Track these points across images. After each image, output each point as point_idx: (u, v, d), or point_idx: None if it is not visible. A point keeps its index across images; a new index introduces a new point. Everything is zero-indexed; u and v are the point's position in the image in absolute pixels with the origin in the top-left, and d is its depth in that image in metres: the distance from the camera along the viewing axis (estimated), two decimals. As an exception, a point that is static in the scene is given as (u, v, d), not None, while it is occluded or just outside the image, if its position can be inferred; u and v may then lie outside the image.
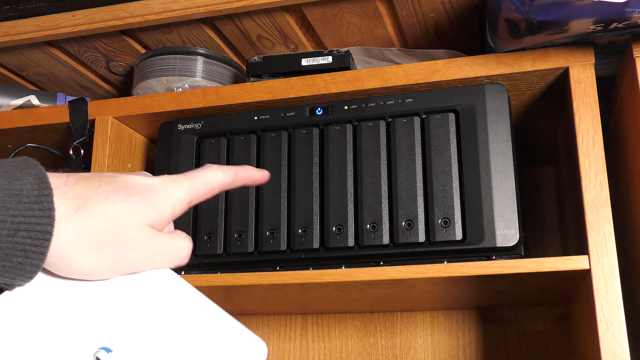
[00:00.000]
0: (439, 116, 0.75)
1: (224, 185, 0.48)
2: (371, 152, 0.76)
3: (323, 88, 0.81)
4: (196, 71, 0.94)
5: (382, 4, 0.86)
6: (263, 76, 0.86)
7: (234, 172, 0.49)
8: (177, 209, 0.45)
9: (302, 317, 1.15)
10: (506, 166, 0.72)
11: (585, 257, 0.67)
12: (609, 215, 0.67)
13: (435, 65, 0.77)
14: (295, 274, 0.76)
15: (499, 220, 0.70)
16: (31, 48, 0.99)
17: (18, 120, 0.92)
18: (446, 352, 1.06)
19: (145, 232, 0.42)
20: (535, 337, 1.03)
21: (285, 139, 0.81)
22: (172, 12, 0.87)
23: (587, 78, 0.72)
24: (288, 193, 0.79)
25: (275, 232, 0.78)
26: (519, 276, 0.70)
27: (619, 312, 0.65)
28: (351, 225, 0.75)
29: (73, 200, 0.40)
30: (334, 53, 0.84)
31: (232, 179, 0.49)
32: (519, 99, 0.82)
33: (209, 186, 0.47)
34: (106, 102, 0.89)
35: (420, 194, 0.74)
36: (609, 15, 0.64)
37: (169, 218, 0.45)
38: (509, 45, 0.74)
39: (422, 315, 1.08)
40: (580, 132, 0.70)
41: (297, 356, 1.13)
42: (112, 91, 1.16)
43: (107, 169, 0.86)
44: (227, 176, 0.48)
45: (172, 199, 0.44)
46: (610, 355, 0.64)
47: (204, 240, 0.80)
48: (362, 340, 1.11)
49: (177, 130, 0.85)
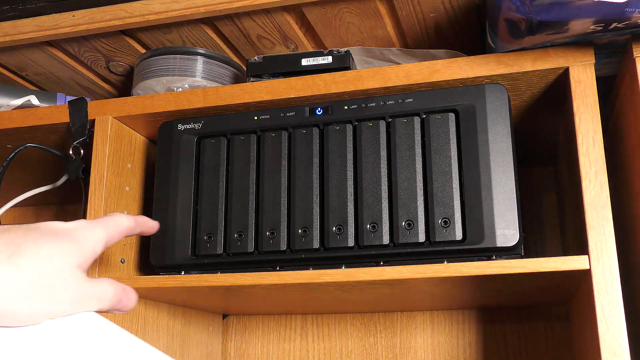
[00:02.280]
0: (439, 116, 0.75)
1: (129, 229, 0.55)
2: (371, 152, 0.76)
3: (323, 88, 0.81)
4: (196, 71, 0.94)
5: (382, 4, 0.86)
6: (263, 76, 0.86)
7: (134, 219, 0.57)
8: (98, 249, 0.49)
9: (302, 317, 1.15)
10: (506, 166, 0.72)
11: (585, 257, 0.67)
12: (609, 215, 0.67)
13: (435, 65, 0.77)
14: (295, 274, 0.76)
15: (499, 220, 0.70)
16: (31, 48, 0.99)
17: (18, 120, 0.92)
18: (446, 352, 1.06)
19: (75, 274, 0.44)
20: (535, 337, 1.03)
21: (285, 139, 0.81)
22: (172, 12, 0.87)
23: (587, 78, 0.72)
24: (288, 193, 0.79)
25: (275, 232, 0.78)
26: (519, 276, 0.70)
27: (619, 312, 0.65)
28: (351, 225, 0.75)
29: (3, 248, 0.41)
30: (334, 53, 0.84)
31: (134, 224, 0.56)
32: (519, 99, 0.82)
33: (118, 229, 0.53)
34: (106, 102, 0.89)
35: (420, 194, 0.74)
36: (609, 15, 0.64)
37: (92, 258, 0.48)
38: (509, 45, 0.74)
39: (422, 315, 1.08)
40: (580, 132, 0.70)
41: (297, 356, 1.13)
42: (112, 91, 1.16)
43: (107, 169, 0.86)
44: (130, 221, 0.56)
45: (94, 239, 0.48)
46: (610, 355, 0.64)
47: (204, 240, 0.80)
48: (362, 340, 1.11)
49: (177, 130, 0.85)
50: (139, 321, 0.91)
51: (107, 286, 0.48)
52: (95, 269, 0.83)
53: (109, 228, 0.51)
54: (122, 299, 0.49)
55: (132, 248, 0.90)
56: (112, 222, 0.52)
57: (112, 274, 0.85)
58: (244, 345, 1.17)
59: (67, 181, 0.94)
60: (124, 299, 0.49)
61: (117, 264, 0.87)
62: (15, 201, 0.97)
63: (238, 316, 1.19)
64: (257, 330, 1.17)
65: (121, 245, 0.88)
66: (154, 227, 0.61)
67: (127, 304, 0.50)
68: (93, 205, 0.85)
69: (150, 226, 0.60)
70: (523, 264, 0.68)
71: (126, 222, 0.55)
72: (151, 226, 0.60)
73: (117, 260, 0.87)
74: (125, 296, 0.49)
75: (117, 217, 0.54)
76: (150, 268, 0.87)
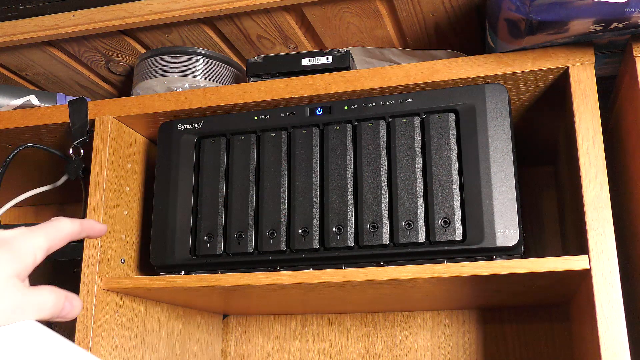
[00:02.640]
0: (439, 116, 0.75)
1: (74, 234, 0.53)
2: (371, 152, 0.76)
3: (323, 88, 0.81)
4: (196, 71, 0.94)
5: (382, 4, 0.86)
6: (263, 76, 0.86)
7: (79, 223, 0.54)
8: (38, 256, 0.47)
9: (302, 317, 1.15)
10: (506, 166, 0.72)
11: (585, 257, 0.67)
12: (609, 215, 0.67)
13: (435, 65, 0.77)
14: (295, 274, 0.76)
15: (499, 220, 0.70)
16: (31, 48, 0.99)
17: (18, 120, 0.92)
18: (446, 352, 1.06)
19: (12, 284, 0.44)
20: (535, 337, 1.03)
21: (285, 139, 0.81)
22: (172, 12, 0.87)
23: (587, 78, 0.72)
24: (288, 193, 0.79)
25: (275, 232, 0.78)
26: (519, 276, 0.70)
27: (619, 312, 0.65)
28: (351, 225, 0.75)
29: None
30: (334, 53, 0.84)
31: (79, 228, 0.53)
32: (519, 99, 0.82)
33: (61, 234, 0.51)
34: (106, 102, 0.89)
35: (420, 194, 0.74)
36: (609, 15, 0.64)
37: (31, 267, 0.47)
38: (509, 45, 0.74)
39: (422, 315, 1.08)
40: (580, 132, 0.70)
41: (297, 356, 1.13)
42: (112, 91, 1.16)
43: (107, 168, 0.86)
44: (74, 226, 0.53)
45: (34, 247, 0.47)
46: (610, 355, 0.64)
47: (204, 240, 0.80)
48: (362, 340, 1.11)
49: (177, 130, 0.85)
50: (139, 321, 0.91)
51: (48, 295, 0.47)
52: (95, 269, 0.83)
53: (50, 235, 0.49)
54: (65, 307, 0.48)
55: (132, 248, 0.90)
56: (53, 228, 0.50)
57: (112, 274, 0.85)
58: (244, 345, 1.17)
59: (67, 181, 0.94)
60: (66, 307, 0.48)
61: (117, 264, 0.87)
62: (15, 201, 0.98)
63: (238, 316, 1.19)
64: (257, 330, 1.17)
65: (121, 246, 0.88)
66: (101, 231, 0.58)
67: (71, 312, 0.49)
68: (93, 205, 0.85)
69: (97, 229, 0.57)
70: (523, 264, 0.68)
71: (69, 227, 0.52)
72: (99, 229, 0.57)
73: (117, 260, 0.87)
74: (68, 304, 0.48)
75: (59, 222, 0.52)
76: (150, 268, 0.87)
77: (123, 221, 0.89)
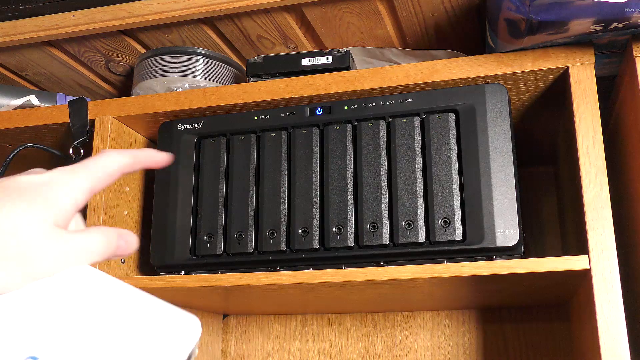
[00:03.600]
0: (439, 116, 0.75)
1: (124, 168, 0.46)
2: (371, 152, 0.76)
3: (323, 88, 0.81)
4: (196, 71, 0.94)
5: (382, 4, 0.86)
6: (263, 76, 0.86)
7: (132, 154, 0.47)
8: (80, 199, 0.43)
9: (302, 317, 1.15)
10: (506, 166, 0.72)
11: (585, 257, 0.67)
12: (609, 215, 0.67)
13: (435, 65, 0.77)
14: (295, 274, 0.76)
15: (499, 220, 0.70)
16: (31, 48, 0.99)
17: (18, 120, 0.92)
18: (446, 352, 1.06)
19: (50, 232, 0.40)
20: (535, 337, 1.03)
21: (285, 139, 0.81)
22: (172, 12, 0.87)
23: (587, 78, 0.72)
24: (288, 193, 0.79)
25: (275, 232, 0.78)
26: (519, 276, 0.70)
27: (619, 312, 0.65)
28: (351, 225, 0.75)
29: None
30: (334, 53, 0.84)
31: (132, 160, 0.47)
32: (519, 99, 0.82)
33: (107, 170, 0.45)
34: (106, 102, 0.89)
35: (420, 194, 0.74)
36: (609, 15, 0.64)
37: (72, 212, 0.42)
38: (509, 45, 0.74)
39: (422, 315, 1.08)
40: (580, 132, 0.70)
41: (297, 356, 1.13)
42: (112, 91, 1.16)
43: (107, 169, 0.86)
44: (125, 158, 0.46)
45: (72, 189, 0.42)
46: (610, 355, 0.64)
47: (204, 240, 0.80)
48: (362, 340, 1.11)
49: (177, 130, 0.85)
50: (139, 321, 0.91)
51: (95, 237, 0.43)
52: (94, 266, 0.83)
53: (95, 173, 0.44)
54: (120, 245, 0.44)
55: (132, 248, 0.90)
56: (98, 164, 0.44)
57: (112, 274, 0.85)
58: (244, 345, 1.17)
59: (67, 181, 0.94)
60: (121, 245, 0.44)
61: (117, 264, 0.87)
62: (15, 201, 0.97)
63: (238, 316, 1.19)
64: (257, 330, 1.17)
65: (121, 245, 0.88)
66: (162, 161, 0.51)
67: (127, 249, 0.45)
68: (93, 205, 0.85)
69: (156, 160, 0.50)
70: (523, 264, 0.68)
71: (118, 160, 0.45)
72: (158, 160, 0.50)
73: (117, 261, 0.87)
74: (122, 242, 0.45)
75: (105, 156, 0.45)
76: (150, 268, 0.87)
77: (123, 221, 0.89)
